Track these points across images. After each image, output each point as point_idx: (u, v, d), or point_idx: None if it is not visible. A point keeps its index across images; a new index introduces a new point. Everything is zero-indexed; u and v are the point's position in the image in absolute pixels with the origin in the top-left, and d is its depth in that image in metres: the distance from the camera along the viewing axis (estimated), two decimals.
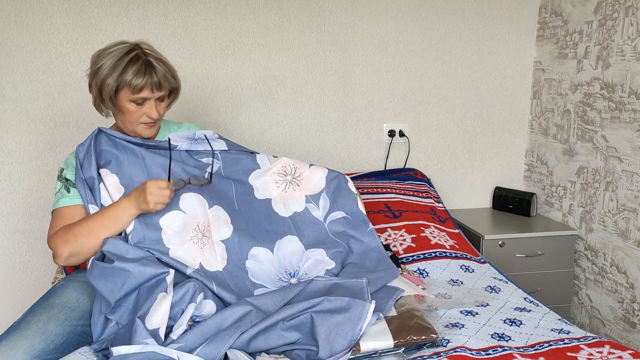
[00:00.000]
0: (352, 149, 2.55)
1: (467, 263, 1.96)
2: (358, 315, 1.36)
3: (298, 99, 2.45)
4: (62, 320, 1.43)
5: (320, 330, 1.32)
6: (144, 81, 1.48)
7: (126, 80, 1.47)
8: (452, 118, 2.62)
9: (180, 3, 2.27)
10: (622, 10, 2.10)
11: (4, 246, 2.29)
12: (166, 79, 1.53)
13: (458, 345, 1.39)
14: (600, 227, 2.26)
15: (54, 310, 1.45)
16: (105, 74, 1.48)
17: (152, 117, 1.54)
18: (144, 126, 1.57)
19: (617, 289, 2.19)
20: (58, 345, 1.39)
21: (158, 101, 1.55)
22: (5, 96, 2.19)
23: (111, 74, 1.47)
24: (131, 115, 1.54)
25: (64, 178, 1.58)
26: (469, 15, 2.53)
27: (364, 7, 2.43)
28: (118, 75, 1.47)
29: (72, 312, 1.46)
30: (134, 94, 1.49)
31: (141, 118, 1.54)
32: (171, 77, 1.56)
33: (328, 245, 1.68)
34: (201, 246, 1.54)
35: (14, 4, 2.14)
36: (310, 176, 1.79)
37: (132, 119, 1.54)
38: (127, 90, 1.49)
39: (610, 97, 2.17)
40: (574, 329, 1.49)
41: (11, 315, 2.32)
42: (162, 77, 1.52)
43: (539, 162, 2.64)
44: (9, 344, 1.34)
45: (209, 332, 1.32)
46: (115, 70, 1.47)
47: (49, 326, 1.40)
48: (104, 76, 1.48)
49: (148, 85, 1.49)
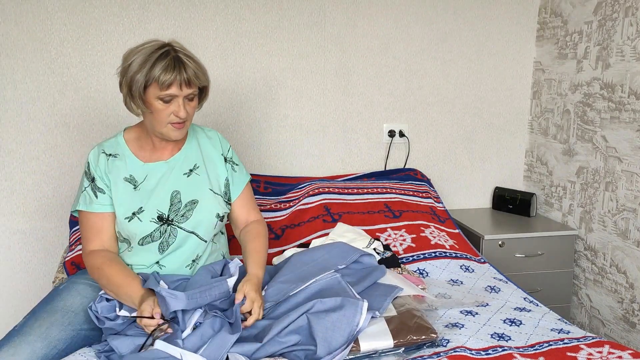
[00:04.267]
0: (352, 149, 2.55)
1: (467, 263, 1.96)
2: (353, 312, 1.37)
3: (298, 99, 2.46)
4: (66, 325, 1.42)
5: (317, 330, 1.33)
6: (172, 77, 1.42)
7: (154, 76, 1.41)
8: (452, 118, 2.62)
9: (180, 3, 2.27)
10: (621, 10, 2.10)
11: (4, 246, 2.30)
12: (196, 76, 1.47)
13: (458, 345, 1.39)
14: (600, 227, 2.27)
15: (57, 315, 1.43)
16: (135, 70, 1.43)
17: (180, 117, 1.48)
18: (171, 127, 1.50)
19: (617, 289, 2.20)
20: (61, 350, 1.38)
21: (187, 100, 1.49)
22: (5, 96, 2.19)
23: (140, 70, 1.42)
24: (159, 114, 1.47)
25: (91, 177, 1.55)
26: (469, 15, 2.54)
27: (364, 7, 2.43)
28: (147, 70, 1.42)
29: (76, 316, 1.45)
30: (162, 90, 1.43)
31: (169, 118, 1.48)
32: (202, 75, 1.50)
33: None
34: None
35: (14, 4, 2.14)
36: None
37: (160, 118, 1.48)
38: (155, 87, 1.43)
39: (610, 98, 2.17)
40: (574, 329, 1.50)
41: (11, 315, 2.32)
42: (192, 74, 1.46)
43: (539, 162, 2.64)
44: (11, 349, 1.32)
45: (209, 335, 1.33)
46: (144, 66, 1.42)
47: (51, 331, 1.39)
48: (133, 72, 1.43)
49: (177, 81, 1.43)
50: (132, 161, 1.57)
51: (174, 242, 1.55)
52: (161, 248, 1.55)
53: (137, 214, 1.52)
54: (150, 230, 1.52)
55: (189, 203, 1.57)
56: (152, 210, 1.53)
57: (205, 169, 1.63)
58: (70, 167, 2.29)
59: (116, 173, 1.55)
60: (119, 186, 1.54)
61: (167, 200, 1.55)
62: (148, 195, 1.54)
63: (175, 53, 1.45)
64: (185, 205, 1.56)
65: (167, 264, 1.56)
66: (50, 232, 2.32)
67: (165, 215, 1.54)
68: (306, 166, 2.52)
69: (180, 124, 1.51)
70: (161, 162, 1.59)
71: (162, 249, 1.55)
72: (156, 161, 1.59)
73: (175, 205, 1.56)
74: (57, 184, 2.29)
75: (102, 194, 1.54)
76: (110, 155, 1.57)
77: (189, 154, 1.62)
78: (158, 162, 1.58)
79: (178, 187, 1.57)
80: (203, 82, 1.52)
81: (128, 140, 1.60)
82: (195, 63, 1.48)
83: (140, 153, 1.59)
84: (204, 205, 1.58)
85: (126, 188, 1.55)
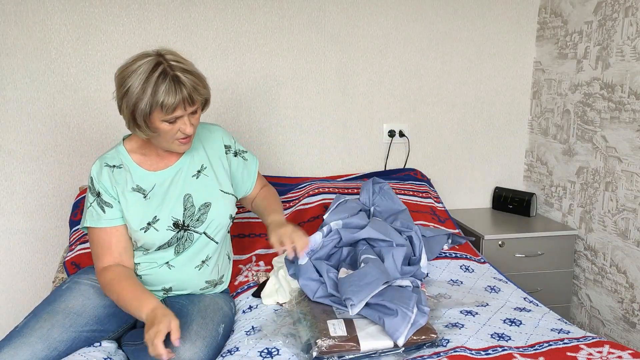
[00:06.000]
0: (352, 149, 2.55)
1: (467, 263, 1.96)
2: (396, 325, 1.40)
3: (298, 99, 2.46)
4: (67, 327, 1.41)
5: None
6: (176, 100, 1.38)
7: (158, 102, 1.37)
8: (452, 118, 2.62)
9: (180, 3, 2.27)
10: (621, 10, 2.10)
11: (4, 246, 2.30)
12: (197, 92, 1.43)
13: (458, 345, 1.39)
14: (600, 227, 2.27)
15: (58, 316, 1.42)
16: (136, 96, 1.38)
17: (186, 133, 1.45)
18: (178, 143, 1.48)
19: (617, 289, 2.20)
20: (62, 352, 1.37)
21: (191, 115, 1.46)
22: (5, 96, 2.19)
23: (142, 97, 1.37)
24: (166, 135, 1.45)
25: (97, 192, 1.52)
26: (469, 15, 2.54)
27: (364, 7, 2.43)
28: (149, 97, 1.37)
29: (78, 317, 1.44)
30: (167, 114, 1.40)
31: (176, 135, 1.46)
32: (202, 88, 1.46)
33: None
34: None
35: (14, 4, 2.14)
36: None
37: (167, 138, 1.46)
38: (159, 111, 1.39)
39: (610, 98, 2.17)
40: (574, 329, 1.50)
41: (11, 315, 2.32)
42: (193, 90, 1.41)
43: (539, 162, 2.64)
44: (11, 350, 1.32)
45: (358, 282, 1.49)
46: (145, 91, 1.37)
47: (52, 333, 1.38)
48: (135, 99, 1.38)
49: (180, 103, 1.39)
50: (137, 171, 1.55)
51: (190, 245, 1.56)
52: (177, 250, 1.56)
53: (152, 224, 1.51)
54: (168, 238, 1.53)
55: (203, 206, 1.57)
56: (167, 217, 1.53)
57: (212, 169, 1.63)
58: (70, 167, 2.29)
59: (122, 184, 1.53)
60: (128, 197, 1.52)
61: (180, 205, 1.55)
62: (160, 202, 1.53)
63: (172, 71, 1.39)
64: (199, 209, 1.56)
65: (177, 264, 1.57)
66: (50, 232, 2.32)
67: (181, 221, 1.54)
68: (306, 166, 2.52)
69: (187, 138, 1.49)
70: (168, 169, 1.57)
71: (177, 251, 1.56)
72: (163, 169, 1.57)
73: (188, 210, 1.55)
74: (57, 184, 2.29)
75: (109, 208, 1.51)
76: (114, 167, 1.54)
77: (194, 155, 1.62)
78: (165, 169, 1.57)
79: (189, 191, 1.57)
80: (205, 95, 1.49)
81: (130, 150, 1.57)
82: (193, 76, 1.43)
83: (146, 162, 1.57)
84: (216, 207, 1.58)
85: (136, 199, 1.52)
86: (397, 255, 1.68)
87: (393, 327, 1.37)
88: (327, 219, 1.86)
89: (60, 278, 1.87)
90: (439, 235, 2.03)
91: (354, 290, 1.45)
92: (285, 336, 1.44)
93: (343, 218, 1.84)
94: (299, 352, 1.38)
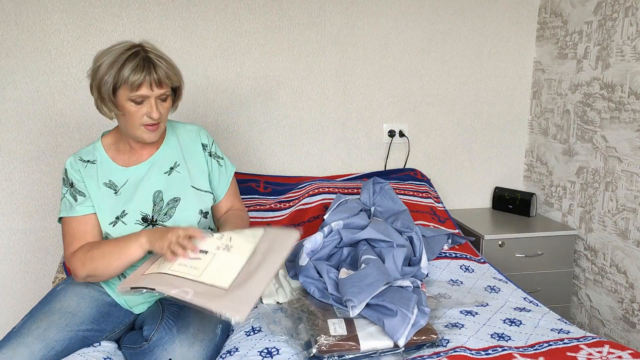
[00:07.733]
0: (352, 149, 2.55)
1: (467, 263, 1.96)
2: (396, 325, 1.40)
3: (298, 99, 2.46)
4: (63, 326, 1.41)
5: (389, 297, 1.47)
6: (142, 77, 1.40)
7: (124, 77, 1.39)
8: (452, 118, 2.62)
9: (180, 3, 2.27)
10: (621, 10, 2.10)
11: (4, 246, 2.30)
12: (167, 76, 1.45)
13: (458, 345, 1.39)
14: (600, 227, 2.27)
15: (54, 316, 1.42)
16: (103, 71, 1.41)
17: (153, 118, 1.45)
18: (144, 129, 1.48)
19: (617, 289, 2.20)
20: (59, 352, 1.38)
21: (159, 101, 1.47)
22: (5, 96, 2.19)
23: (109, 71, 1.40)
24: (132, 116, 1.45)
25: (70, 183, 1.54)
26: (469, 15, 2.54)
27: (364, 7, 2.43)
28: (116, 72, 1.40)
29: (73, 317, 1.44)
30: (132, 91, 1.41)
31: (142, 119, 1.46)
32: (173, 75, 1.48)
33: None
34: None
35: (14, 4, 2.14)
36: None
37: (133, 120, 1.46)
38: (125, 88, 1.41)
39: (610, 98, 2.17)
40: (574, 329, 1.50)
41: (11, 315, 2.32)
42: (163, 75, 1.44)
43: (539, 162, 2.64)
44: (9, 351, 1.32)
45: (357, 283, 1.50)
46: (113, 67, 1.40)
47: (49, 333, 1.38)
48: (102, 74, 1.41)
49: (146, 81, 1.41)
50: (110, 166, 1.56)
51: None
52: None
53: (120, 218, 1.51)
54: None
55: (171, 201, 1.56)
56: (136, 212, 1.52)
57: (186, 166, 1.62)
58: None
59: (95, 179, 1.53)
60: (98, 192, 1.52)
61: (149, 201, 1.54)
62: (130, 198, 1.53)
63: (145, 53, 1.43)
64: (167, 204, 1.55)
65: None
66: (50, 232, 2.32)
67: (150, 216, 1.54)
68: (306, 166, 2.52)
69: (154, 125, 1.49)
70: (141, 164, 1.57)
71: None
72: (135, 164, 1.57)
73: (157, 205, 1.55)
74: (57, 184, 2.29)
75: (82, 196, 1.52)
76: (88, 162, 1.55)
77: (168, 152, 1.61)
78: (138, 165, 1.57)
79: (159, 187, 1.56)
80: (175, 83, 1.50)
81: (106, 145, 1.58)
82: (167, 63, 1.46)
83: (119, 157, 1.57)
84: (185, 202, 1.57)
85: (107, 193, 1.53)
86: (398, 256, 1.68)
87: (393, 328, 1.37)
88: (328, 219, 1.86)
89: (60, 278, 1.87)
90: (439, 235, 2.03)
91: (354, 291, 1.45)
92: (286, 336, 1.44)
93: (344, 218, 1.84)
94: (299, 352, 1.38)
